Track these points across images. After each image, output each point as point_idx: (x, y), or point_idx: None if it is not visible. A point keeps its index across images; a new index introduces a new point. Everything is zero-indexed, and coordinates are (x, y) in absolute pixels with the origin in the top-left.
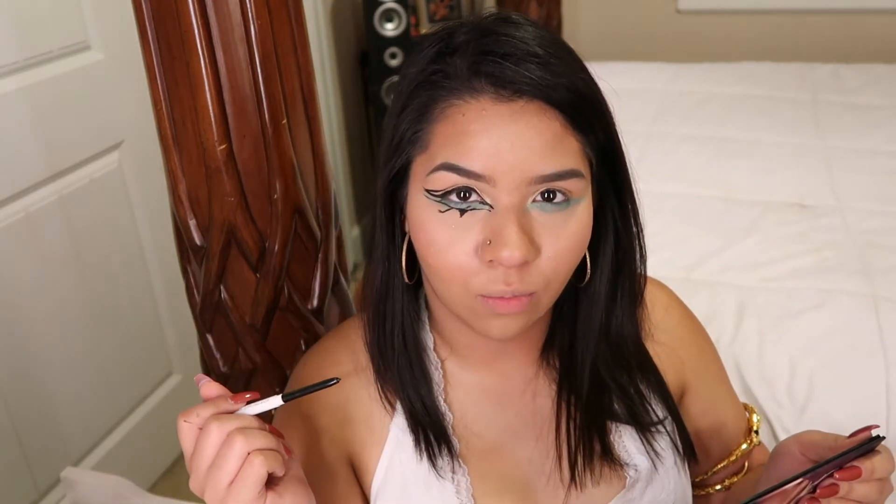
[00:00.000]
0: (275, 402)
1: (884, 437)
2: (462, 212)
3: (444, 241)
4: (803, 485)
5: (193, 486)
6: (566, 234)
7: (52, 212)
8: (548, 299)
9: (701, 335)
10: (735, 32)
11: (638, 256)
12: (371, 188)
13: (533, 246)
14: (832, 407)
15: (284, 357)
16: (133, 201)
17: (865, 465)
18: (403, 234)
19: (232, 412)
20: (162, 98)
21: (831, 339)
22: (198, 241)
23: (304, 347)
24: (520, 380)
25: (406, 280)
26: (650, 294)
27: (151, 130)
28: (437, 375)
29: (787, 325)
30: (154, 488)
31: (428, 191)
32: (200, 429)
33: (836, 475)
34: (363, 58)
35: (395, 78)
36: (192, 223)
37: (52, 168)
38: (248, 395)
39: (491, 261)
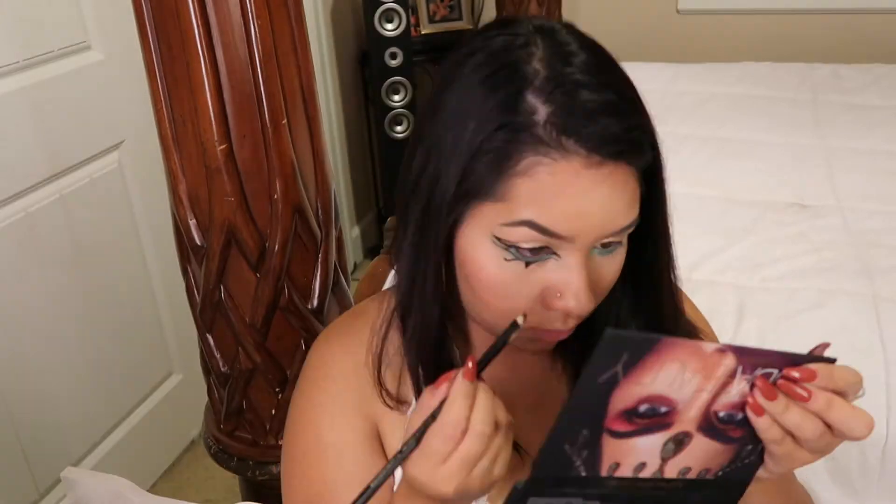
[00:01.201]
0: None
1: (835, 360)
2: (528, 263)
3: (505, 287)
4: (725, 360)
5: (445, 477)
6: (613, 270)
7: (52, 212)
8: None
9: (708, 328)
10: (735, 32)
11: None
12: (370, 189)
13: (594, 292)
14: None
15: (284, 357)
16: (133, 201)
17: (822, 368)
18: (444, 254)
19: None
20: (162, 98)
21: (831, 339)
22: (198, 241)
23: (304, 347)
24: (533, 370)
25: (439, 302)
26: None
27: (151, 130)
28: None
29: (787, 325)
30: (154, 488)
31: (499, 238)
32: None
33: (784, 371)
34: (363, 58)
35: (396, 78)
36: (192, 223)
37: (52, 168)
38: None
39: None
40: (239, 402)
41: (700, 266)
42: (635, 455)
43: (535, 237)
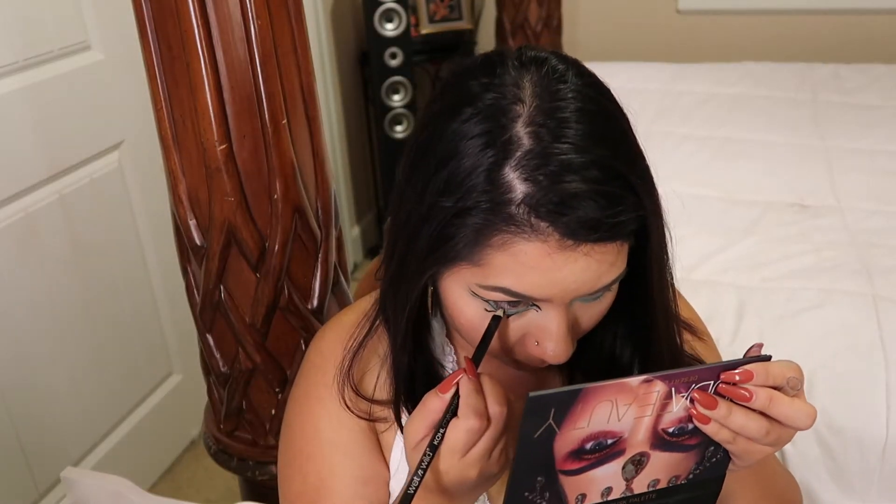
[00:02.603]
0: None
1: (770, 357)
2: (508, 315)
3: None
4: (655, 388)
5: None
6: (599, 311)
7: (52, 212)
8: None
9: (701, 324)
10: (735, 32)
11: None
12: (370, 189)
13: (574, 334)
14: (832, 407)
15: (284, 357)
16: (133, 201)
17: (757, 367)
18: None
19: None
20: (162, 98)
21: (831, 339)
22: (198, 241)
23: (303, 347)
24: (529, 374)
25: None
26: None
27: (151, 130)
28: (448, 363)
29: (787, 325)
30: (154, 488)
31: (476, 294)
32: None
33: (722, 376)
34: (363, 58)
35: (396, 78)
36: (192, 223)
37: (52, 168)
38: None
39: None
40: (239, 402)
41: (700, 266)
42: (598, 483)
43: (510, 298)
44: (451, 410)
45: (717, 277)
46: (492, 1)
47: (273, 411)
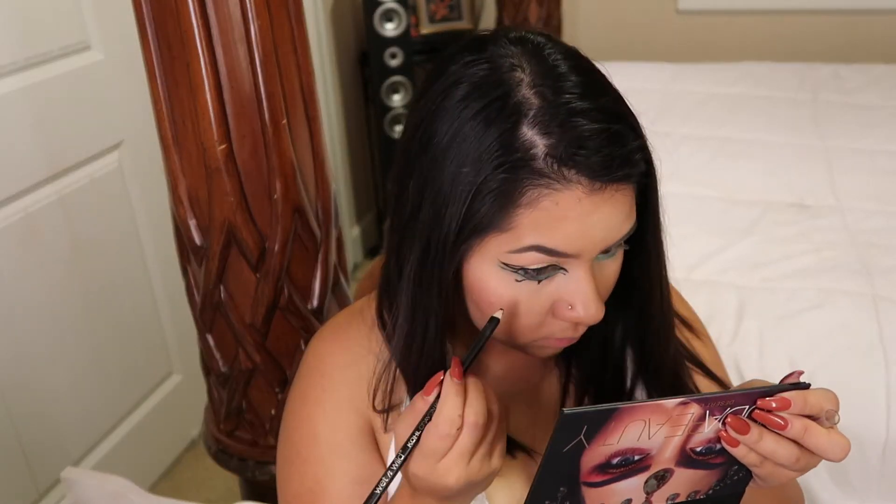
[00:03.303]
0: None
1: (809, 385)
2: (539, 281)
3: (520, 305)
4: (691, 410)
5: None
6: (614, 270)
7: (52, 212)
8: None
9: (699, 324)
10: (735, 32)
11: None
12: (370, 189)
13: (601, 296)
14: None
15: (284, 357)
16: (133, 201)
17: (795, 396)
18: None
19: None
20: (162, 98)
21: (831, 339)
22: (198, 241)
23: (303, 347)
24: (527, 367)
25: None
26: None
27: (151, 130)
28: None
29: (787, 325)
30: (154, 488)
31: (506, 264)
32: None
33: (759, 403)
34: (363, 58)
35: (396, 78)
36: (192, 223)
37: (52, 168)
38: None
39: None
40: (239, 402)
41: (700, 266)
42: (619, 495)
43: (542, 259)
44: (430, 414)
45: (717, 277)
46: (492, 1)
47: (273, 411)
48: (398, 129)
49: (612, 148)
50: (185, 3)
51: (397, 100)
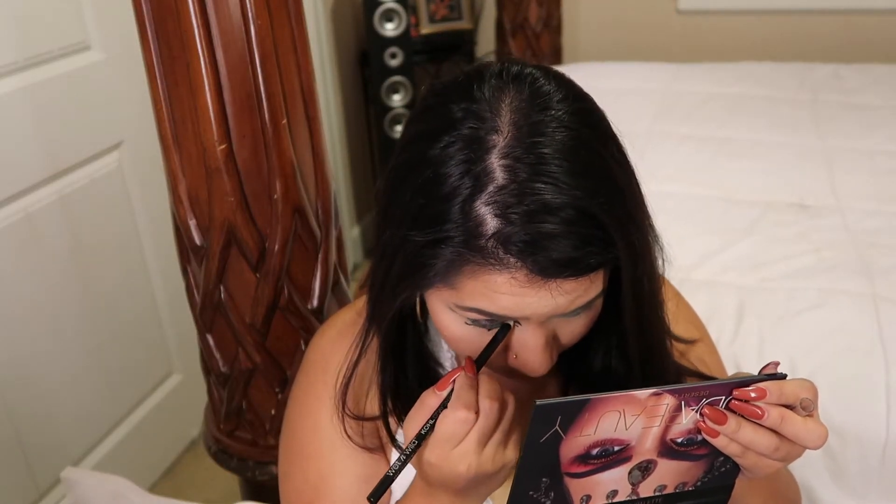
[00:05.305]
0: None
1: (785, 375)
2: (489, 328)
3: (469, 342)
4: (664, 401)
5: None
6: (582, 323)
7: (52, 212)
8: None
9: (698, 324)
10: (735, 32)
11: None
12: (370, 189)
13: (554, 349)
14: (832, 407)
15: (284, 357)
16: (133, 201)
17: (771, 386)
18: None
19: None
20: (162, 98)
21: (831, 339)
22: (198, 241)
23: (303, 347)
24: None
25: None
26: None
27: (151, 130)
28: (447, 361)
29: (787, 325)
30: (154, 488)
31: (454, 311)
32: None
33: (736, 393)
34: (363, 58)
35: (396, 78)
36: (192, 223)
37: (52, 168)
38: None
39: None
40: (239, 402)
41: (700, 266)
42: (603, 486)
43: (487, 316)
44: (443, 404)
45: (716, 277)
46: (492, 1)
47: (273, 411)
48: (398, 129)
49: (570, 252)
50: (185, 3)
51: (397, 100)
